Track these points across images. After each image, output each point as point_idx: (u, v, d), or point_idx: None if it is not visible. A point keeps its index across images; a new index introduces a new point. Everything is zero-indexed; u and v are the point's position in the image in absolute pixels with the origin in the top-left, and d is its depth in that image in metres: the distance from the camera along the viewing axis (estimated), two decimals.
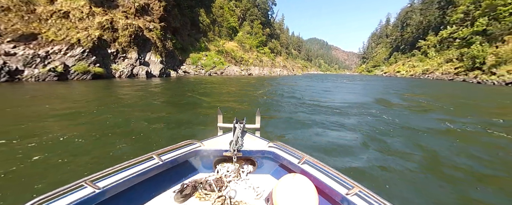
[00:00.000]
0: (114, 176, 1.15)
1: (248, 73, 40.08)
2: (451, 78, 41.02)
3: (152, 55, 20.69)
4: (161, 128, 4.27)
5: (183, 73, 28.86)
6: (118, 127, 4.22)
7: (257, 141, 1.71)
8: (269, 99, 9.08)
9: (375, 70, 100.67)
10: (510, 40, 32.18)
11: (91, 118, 4.82)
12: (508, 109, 7.84)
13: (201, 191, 1.31)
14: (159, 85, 13.17)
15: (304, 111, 6.42)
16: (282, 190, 1.00)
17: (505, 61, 28.83)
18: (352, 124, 5.03)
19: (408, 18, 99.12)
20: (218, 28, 48.22)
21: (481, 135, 4.42)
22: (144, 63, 19.16)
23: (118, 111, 5.63)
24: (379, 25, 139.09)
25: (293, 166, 1.39)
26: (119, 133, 3.86)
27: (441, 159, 3.20)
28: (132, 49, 19.23)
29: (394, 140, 3.93)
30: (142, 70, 17.41)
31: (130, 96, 8.29)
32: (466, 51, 41.42)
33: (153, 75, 18.79)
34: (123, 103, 6.79)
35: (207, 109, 6.39)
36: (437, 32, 64.60)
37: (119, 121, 4.61)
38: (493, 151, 3.54)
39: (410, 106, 8.10)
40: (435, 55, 59.67)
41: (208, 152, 1.58)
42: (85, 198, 0.98)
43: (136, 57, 18.75)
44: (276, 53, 75.42)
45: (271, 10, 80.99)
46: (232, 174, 1.52)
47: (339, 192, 1.09)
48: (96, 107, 6.02)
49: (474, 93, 14.31)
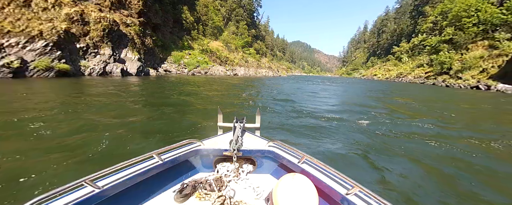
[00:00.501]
0: (114, 175, 1.14)
1: (234, 73, 39.37)
2: (422, 82, 44.28)
3: (128, 52, 19.15)
4: (120, 137, 3.53)
5: (164, 72, 27.34)
6: (58, 138, 3.48)
7: (257, 141, 1.71)
8: (258, 103, 8.66)
9: (354, 73, 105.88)
10: (473, 48, 35.64)
11: (23, 127, 3.97)
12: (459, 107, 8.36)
13: (201, 191, 1.30)
14: (132, 85, 12.01)
15: (297, 118, 6.10)
16: (282, 190, 0.99)
17: (469, 67, 31.79)
18: (339, 128, 4.82)
19: (384, 25, 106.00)
20: (203, 26, 46.88)
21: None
22: (119, 60, 17.62)
23: (72, 116, 4.81)
24: (358, 31, 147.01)
25: (293, 165, 1.39)
26: (55, 147, 3.09)
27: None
28: (106, 44, 17.58)
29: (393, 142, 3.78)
30: (116, 67, 15.95)
31: (92, 97, 7.32)
32: (435, 57, 45.11)
33: (130, 73, 17.34)
34: (78, 107, 5.89)
35: (184, 114, 5.79)
36: (409, 39, 69.79)
37: (64, 131, 3.85)
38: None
39: (396, 106, 8.26)
40: (407, 60, 64.29)
41: (208, 152, 1.57)
42: (85, 198, 0.97)
43: (109, 53, 17.16)
44: (262, 54, 75.62)
45: (256, 11, 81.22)
46: (232, 173, 1.51)
47: (339, 192, 1.09)
48: (38, 112, 5.08)
49: (443, 94, 15.34)
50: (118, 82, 12.51)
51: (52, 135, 3.45)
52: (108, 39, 18.22)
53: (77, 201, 0.95)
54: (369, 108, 7.90)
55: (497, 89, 21.81)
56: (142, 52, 22.83)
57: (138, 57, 19.24)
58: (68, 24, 16.33)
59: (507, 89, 20.53)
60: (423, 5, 70.89)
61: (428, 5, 67.55)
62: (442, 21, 51.98)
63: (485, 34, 35.59)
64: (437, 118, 6.45)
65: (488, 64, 28.26)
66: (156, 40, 28.03)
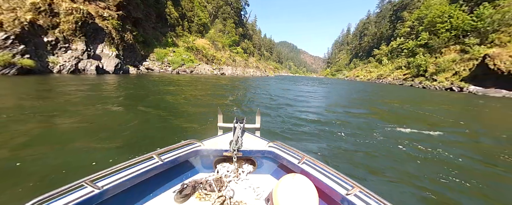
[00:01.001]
0: (114, 176, 1.13)
1: (221, 72, 38.40)
2: (401, 83, 46.71)
3: (105, 48, 17.58)
4: (77, 151, 2.91)
5: (146, 70, 25.75)
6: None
7: (257, 141, 1.70)
8: (245, 108, 8.18)
9: (338, 74, 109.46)
10: (447, 52, 38.24)
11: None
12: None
13: (201, 191, 1.30)
14: (106, 84, 10.78)
15: (289, 124, 5.72)
16: (282, 190, 0.99)
17: (443, 70, 34.00)
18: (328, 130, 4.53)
19: (365, 29, 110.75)
20: (188, 23, 45.18)
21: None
22: (94, 57, 16.07)
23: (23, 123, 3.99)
24: (341, 33, 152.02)
25: (293, 166, 1.38)
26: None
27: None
28: (78, 39, 15.93)
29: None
30: (91, 64, 14.47)
31: (54, 99, 6.36)
32: (412, 60, 47.82)
33: (106, 71, 15.87)
34: (35, 110, 5.02)
35: (157, 121, 5.15)
36: (389, 42, 73.53)
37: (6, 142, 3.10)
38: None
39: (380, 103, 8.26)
40: (387, 63, 67.65)
41: (208, 152, 1.56)
42: (85, 198, 0.97)
43: (83, 48, 15.56)
44: (249, 53, 75.08)
45: (244, 10, 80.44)
46: (232, 174, 1.51)
47: (339, 192, 1.08)
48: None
49: (421, 95, 16.05)
50: (90, 81, 11.27)
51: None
52: (82, 33, 16.57)
53: (77, 201, 0.94)
54: (360, 111, 7.80)
55: (469, 90, 23.46)
56: (121, 48, 21.19)
57: (116, 54, 17.74)
58: (34, 14, 14.54)
59: (478, 91, 22.14)
60: (401, 10, 75.02)
61: (406, 11, 71.58)
62: (418, 26, 55.34)
63: (457, 39, 38.35)
64: (427, 121, 6.48)
65: (460, 67, 30.39)
66: (137, 35, 26.31)
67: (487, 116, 8.40)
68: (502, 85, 20.38)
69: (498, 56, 21.70)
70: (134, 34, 25.73)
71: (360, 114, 7.21)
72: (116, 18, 22.36)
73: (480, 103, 12.99)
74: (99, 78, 13.10)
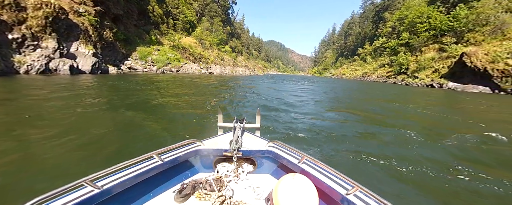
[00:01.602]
0: (114, 175, 1.13)
1: (209, 71, 37.37)
2: (384, 81, 48.49)
3: (81, 46, 16.14)
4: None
5: (128, 69, 24.26)
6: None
7: (257, 141, 1.70)
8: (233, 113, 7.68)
9: (325, 72, 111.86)
10: (426, 51, 40.12)
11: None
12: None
13: (201, 191, 1.30)
14: (77, 86, 9.56)
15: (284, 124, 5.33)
16: (282, 190, 0.99)
17: (423, 68, 35.62)
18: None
19: (350, 29, 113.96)
20: (173, 20, 43.50)
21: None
22: (68, 55, 14.67)
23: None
24: (327, 33, 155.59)
25: (293, 166, 1.38)
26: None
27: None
28: (49, 35, 14.43)
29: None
30: (63, 64, 13.13)
31: (13, 102, 5.51)
32: (394, 59, 49.80)
33: (82, 71, 14.52)
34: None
35: (131, 127, 4.55)
36: (372, 42, 76.18)
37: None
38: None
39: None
40: (371, 61, 70.07)
41: (208, 152, 1.56)
42: (85, 198, 0.97)
43: (54, 46, 14.11)
44: (238, 52, 74.25)
45: (231, 8, 79.32)
46: (232, 173, 1.51)
47: (339, 192, 1.09)
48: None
49: (405, 92, 16.52)
50: (62, 82, 10.14)
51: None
52: (53, 30, 15.05)
53: (77, 201, 0.94)
54: (352, 109, 7.62)
55: (448, 87, 24.68)
56: (99, 46, 19.69)
57: (94, 52, 16.35)
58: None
59: (456, 87, 23.33)
60: (383, 11, 77.92)
61: (387, 11, 74.43)
62: (399, 26, 57.70)
63: (435, 38, 40.39)
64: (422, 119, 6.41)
65: (439, 65, 31.97)
66: (117, 33, 24.70)
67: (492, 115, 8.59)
68: (478, 81, 21.58)
69: (475, 54, 22.97)
70: (114, 31, 24.10)
71: (359, 118, 7.02)
72: (93, 14, 20.75)
73: (466, 99, 13.35)
74: (73, 78, 11.90)
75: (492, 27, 28.83)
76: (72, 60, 14.10)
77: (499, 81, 19.69)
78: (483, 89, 20.68)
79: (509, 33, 25.51)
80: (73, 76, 12.73)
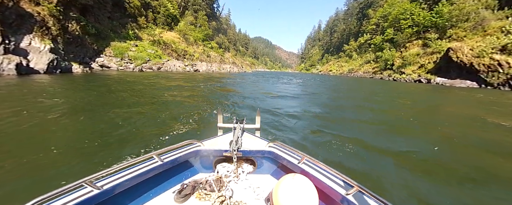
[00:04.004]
0: (114, 176, 1.13)
1: (194, 69, 34.97)
2: (371, 76, 49.21)
3: (35, 40, 13.42)
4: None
5: (100, 67, 21.46)
6: None
7: (257, 141, 1.69)
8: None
9: (312, 69, 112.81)
10: (411, 47, 40.92)
11: None
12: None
13: (201, 191, 1.29)
14: (18, 90, 7.68)
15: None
16: (282, 190, 0.99)
17: (409, 63, 36.20)
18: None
19: (335, 25, 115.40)
20: (153, 13, 40.17)
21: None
22: (16, 51, 12.02)
23: None
24: (313, 29, 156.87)
25: (293, 166, 1.38)
26: None
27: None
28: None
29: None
30: (8, 62, 10.57)
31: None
32: (380, 55, 50.59)
33: (35, 70, 11.90)
34: None
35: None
36: (357, 38, 77.41)
37: None
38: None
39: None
40: (357, 57, 71.24)
41: (208, 152, 1.55)
42: (85, 198, 0.97)
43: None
44: (225, 48, 71.67)
45: (216, 2, 76.12)
46: (232, 174, 1.49)
47: (339, 192, 1.09)
48: None
49: (396, 88, 15.96)
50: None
51: None
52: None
53: (77, 201, 0.94)
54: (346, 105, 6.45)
55: (436, 82, 24.93)
56: (62, 41, 16.86)
57: (51, 48, 13.64)
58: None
59: (444, 82, 23.56)
60: (366, 8, 79.21)
61: (371, 8, 75.76)
62: (383, 23, 58.77)
63: (418, 34, 41.30)
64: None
65: (425, 60, 32.52)
66: (86, 26, 21.70)
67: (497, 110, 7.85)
68: (465, 76, 21.85)
69: (460, 49, 23.24)
70: (82, 24, 21.09)
71: (358, 118, 5.83)
72: (54, 3, 17.77)
73: (462, 94, 12.92)
74: (21, 80, 9.49)
75: (473, 23, 29.66)
76: (21, 57, 11.51)
77: (486, 75, 19.97)
78: (471, 84, 20.93)
79: (489, 29, 26.25)
80: (21, 77, 10.25)
